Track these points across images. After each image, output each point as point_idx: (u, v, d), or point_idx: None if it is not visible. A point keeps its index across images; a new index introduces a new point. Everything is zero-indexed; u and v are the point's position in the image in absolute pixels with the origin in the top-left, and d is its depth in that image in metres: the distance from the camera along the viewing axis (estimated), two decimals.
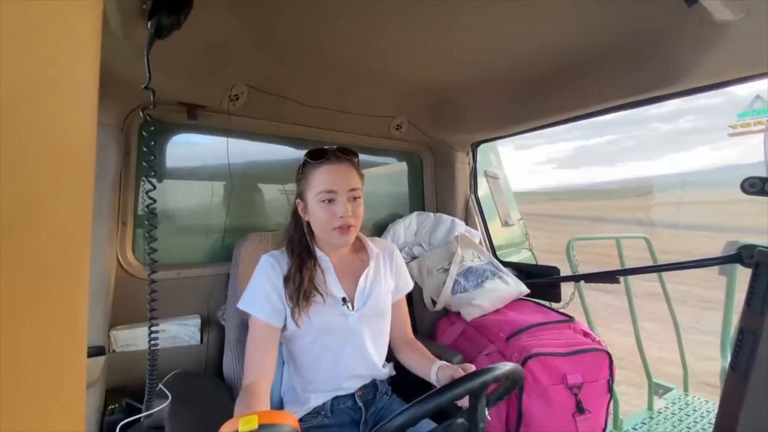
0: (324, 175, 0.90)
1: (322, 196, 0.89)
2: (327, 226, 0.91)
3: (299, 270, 0.92)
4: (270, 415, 0.58)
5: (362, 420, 0.97)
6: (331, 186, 0.89)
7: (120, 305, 1.06)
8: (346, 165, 0.93)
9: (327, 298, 0.93)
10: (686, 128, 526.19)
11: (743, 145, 63.21)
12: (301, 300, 0.90)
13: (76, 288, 0.28)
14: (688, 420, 1.84)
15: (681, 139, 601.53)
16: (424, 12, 0.87)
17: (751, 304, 0.81)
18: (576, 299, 1.71)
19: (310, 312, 0.91)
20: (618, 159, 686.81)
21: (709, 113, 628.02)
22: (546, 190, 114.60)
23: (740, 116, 7.74)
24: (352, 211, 0.90)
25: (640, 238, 2.23)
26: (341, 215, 0.89)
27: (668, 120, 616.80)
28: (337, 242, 0.93)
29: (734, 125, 7.86)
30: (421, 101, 1.44)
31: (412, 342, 1.08)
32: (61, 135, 0.26)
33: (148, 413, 0.83)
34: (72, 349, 0.28)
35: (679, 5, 0.77)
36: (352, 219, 0.91)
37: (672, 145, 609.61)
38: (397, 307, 1.09)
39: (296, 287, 0.90)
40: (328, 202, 0.89)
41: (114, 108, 1.02)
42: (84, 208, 0.29)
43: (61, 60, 0.26)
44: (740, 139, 4.61)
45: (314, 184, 0.91)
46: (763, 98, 7.31)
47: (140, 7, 0.66)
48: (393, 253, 1.09)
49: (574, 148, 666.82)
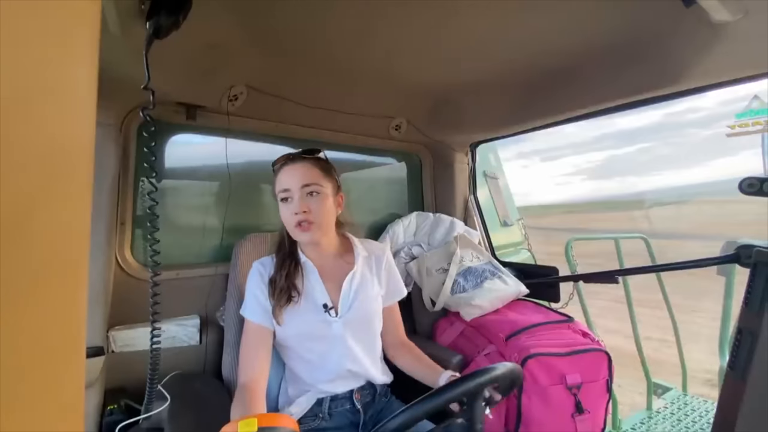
0: (281, 176, 0.95)
1: (280, 195, 0.95)
2: (289, 225, 0.94)
3: (279, 270, 0.96)
4: (269, 418, 0.58)
5: (361, 422, 0.97)
6: (284, 185, 0.94)
7: (119, 306, 1.05)
8: (303, 163, 0.95)
9: (305, 300, 0.95)
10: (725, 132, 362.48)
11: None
12: (277, 297, 0.93)
13: (75, 288, 0.28)
14: (687, 420, 1.84)
15: (722, 144, 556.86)
16: (424, 12, 0.87)
17: (749, 304, 0.81)
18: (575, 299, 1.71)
19: (289, 312, 0.93)
20: (652, 168, 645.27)
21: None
22: (565, 202, 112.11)
23: (738, 117, 7.74)
24: (308, 207, 0.92)
25: (639, 238, 2.23)
26: (296, 211, 0.92)
27: (705, 125, 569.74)
28: (300, 239, 0.97)
29: (732, 125, 7.86)
30: (421, 101, 1.44)
31: (407, 345, 1.07)
32: (60, 135, 0.26)
33: (147, 414, 0.83)
34: (71, 349, 0.28)
35: (677, 6, 0.78)
36: (310, 215, 0.92)
37: (712, 152, 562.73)
38: (389, 312, 1.08)
39: (275, 286, 0.94)
40: (285, 201, 0.94)
41: (112, 108, 1.02)
42: (83, 208, 0.29)
43: (60, 60, 0.26)
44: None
45: (276, 186, 0.96)
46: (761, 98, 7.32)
47: (139, 7, 0.66)
48: (382, 256, 1.08)
49: (604, 158, 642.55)
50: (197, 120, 1.18)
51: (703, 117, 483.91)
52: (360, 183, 1.74)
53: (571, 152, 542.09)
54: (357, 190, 1.72)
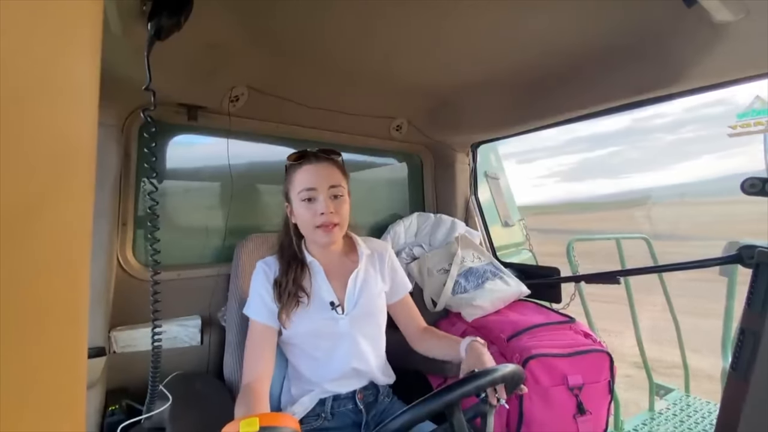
0: (304, 174, 0.93)
1: (303, 194, 0.91)
2: (310, 225, 0.92)
3: (285, 273, 0.95)
4: (271, 417, 0.58)
5: (363, 423, 0.97)
6: (310, 183, 0.91)
7: (120, 306, 1.06)
8: (326, 164, 0.95)
9: (313, 301, 0.95)
10: (689, 138, 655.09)
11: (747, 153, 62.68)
12: (286, 302, 0.91)
13: (77, 289, 0.28)
14: (690, 421, 1.83)
15: (684, 148, 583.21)
16: (424, 13, 0.87)
17: (752, 305, 0.81)
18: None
19: (297, 314, 0.93)
20: (622, 170, 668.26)
21: (709, 123, 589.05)
22: (540, 203, 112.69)
23: (740, 117, 7.72)
24: (333, 208, 0.91)
25: (640, 238, 2.23)
26: (322, 212, 0.90)
27: (671, 130, 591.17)
28: (321, 241, 0.94)
29: (734, 126, 7.84)
30: (421, 102, 1.44)
31: (429, 330, 1.08)
32: (62, 135, 0.26)
33: (149, 415, 0.83)
34: (72, 350, 0.28)
35: (679, 6, 0.77)
36: (335, 217, 0.92)
37: (676, 156, 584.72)
38: (402, 305, 1.09)
39: (282, 289, 0.92)
40: (308, 200, 0.91)
41: (114, 108, 1.02)
42: (84, 208, 0.29)
43: (62, 61, 0.26)
44: (745, 147, 4.35)
45: (296, 184, 0.93)
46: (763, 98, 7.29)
47: (140, 8, 0.66)
48: (384, 252, 1.09)
49: (577, 161, 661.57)
50: (198, 121, 1.19)
51: (669, 122, 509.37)
52: (361, 183, 1.74)
53: (546, 155, 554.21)
54: (358, 190, 1.71)
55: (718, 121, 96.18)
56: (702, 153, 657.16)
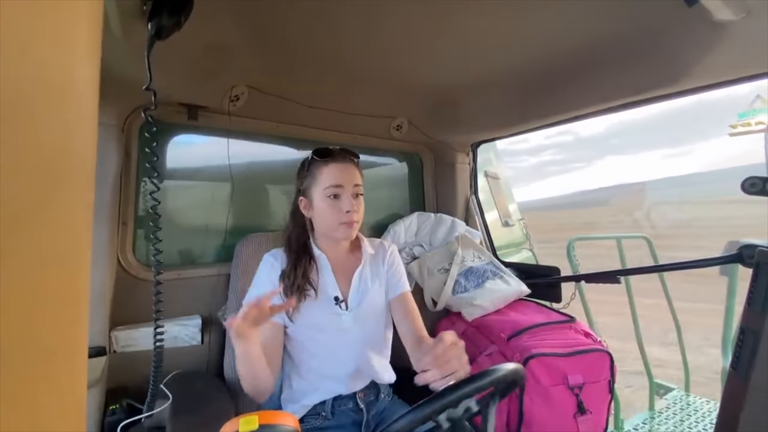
0: (332, 171, 0.94)
1: (329, 191, 0.93)
2: (333, 221, 0.94)
3: (294, 266, 0.95)
4: (270, 415, 0.57)
5: (364, 422, 0.97)
6: (338, 181, 0.93)
7: (120, 306, 1.06)
8: (350, 164, 0.97)
9: (320, 295, 0.95)
10: (547, 161, 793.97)
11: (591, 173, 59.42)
12: (293, 295, 0.92)
13: (77, 288, 0.28)
14: (690, 420, 1.83)
15: (543, 169, 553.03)
16: (425, 12, 0.87)
17: (752, 304, 0.80)
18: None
19: (303, 307, 0.93)
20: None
21: (563, 148, 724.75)
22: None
23: (741, 116, 7.71)
24: (356, 207, 0.94)
25: (641, 238, 2.23)
26: (347, 209, 0.93)
27: (534, 153, 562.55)
28: (341, 236, 0.96)
29: (734, 125, 7.82)
30: (422, 101, 1.44)
31: (426, 340, 0.97)
32: (62, 135, 0.26)
33: (149, 414, 0.83)
34: (73, 349, 0.28)
35: (679, 5, 0.77)
36: (356, 215, 0.95)
37: (534, 176, 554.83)
38: (402, 303, 1.03)
39: (290, 282, 0.93)
40: (334, 197, 0.94)
41: (114, 108, 1.02)
42: (85, 208, 0.29)
43: (62, 60, 0.26)
44: (589, 169, 4.23)
45: (321, 180, 0.94)
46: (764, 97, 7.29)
47: (141, 8, 0.66)
48: (387, 252, 1.09)
49: None
50: (199, 120, 1.19)
51: (532, 147, 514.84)
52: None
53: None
54: None
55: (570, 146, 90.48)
56: (549, 175, 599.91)
